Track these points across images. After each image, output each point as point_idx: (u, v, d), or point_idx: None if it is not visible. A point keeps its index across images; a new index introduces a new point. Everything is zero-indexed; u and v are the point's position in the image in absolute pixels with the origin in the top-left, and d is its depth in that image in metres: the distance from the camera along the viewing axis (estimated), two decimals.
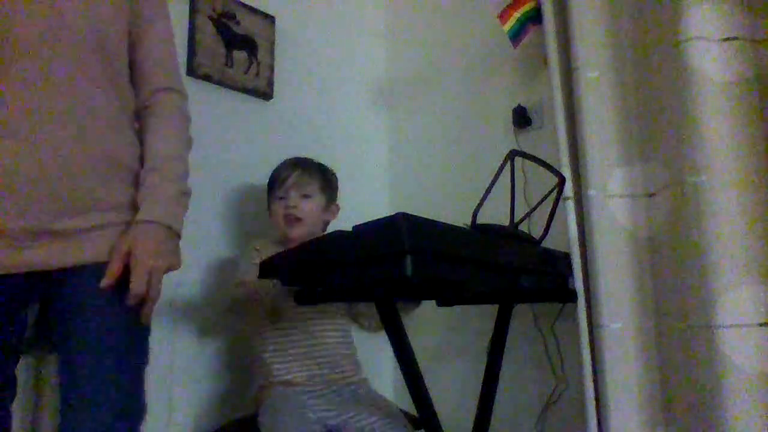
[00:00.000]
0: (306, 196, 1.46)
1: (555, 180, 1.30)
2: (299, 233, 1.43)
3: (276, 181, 1.49)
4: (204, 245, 1.61)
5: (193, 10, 1.68)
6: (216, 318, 1.59)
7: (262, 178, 1.59)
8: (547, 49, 1.44)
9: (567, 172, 1.35)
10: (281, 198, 1.46)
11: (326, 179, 1.52)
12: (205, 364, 1.56)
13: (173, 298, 1.46)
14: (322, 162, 1.57)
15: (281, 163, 1.53)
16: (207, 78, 1.69)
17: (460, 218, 1.12)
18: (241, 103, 1.78)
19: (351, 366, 1.45)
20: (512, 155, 1.18)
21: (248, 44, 1.79)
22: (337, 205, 1.55)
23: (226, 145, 1.72)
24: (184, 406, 1.44)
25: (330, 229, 1.54)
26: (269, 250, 1.33)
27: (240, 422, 1.38)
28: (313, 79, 2.02)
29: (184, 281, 1.49)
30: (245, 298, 1.38)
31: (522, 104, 1.77)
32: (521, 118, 1.75)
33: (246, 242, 1.58)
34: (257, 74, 1.81)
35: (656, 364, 1.25)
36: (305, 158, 1.54)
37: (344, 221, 1.41)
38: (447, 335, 1.91)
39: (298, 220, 1.44)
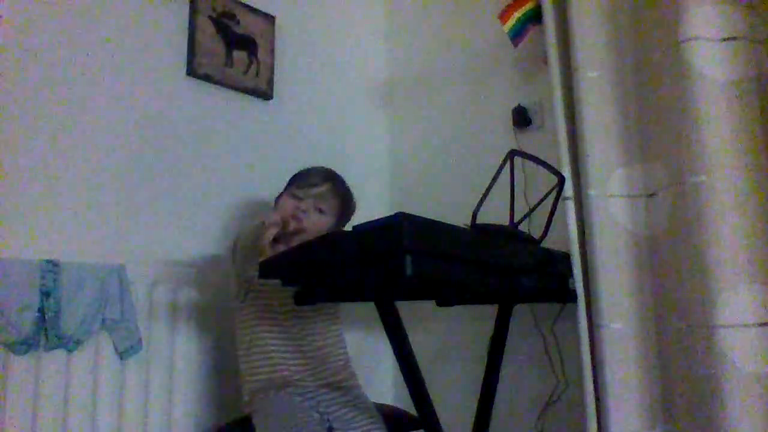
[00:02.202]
0: (321, 211, 1.42)
1: (555, 180, 1.30)
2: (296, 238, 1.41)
3: (302, 180, 1.44)
4: (204, 245, 1.61)
5: (193, 10, 1.68)
6: (216, 318, 1.59)
7: (262, 178, 1.59)
8: (547, 49, 1.44)
9: (567, 172, 1.35)
10: (298, 198, 1.42)
11: (347, 208, 1.49)
12: (205, 364, 1.56)
13: (173, 298, 1.46)
14: (326, 164, 1.52)
15: (317, 168, 1.48)
16: (207, 78, 1.69)
17: (460, 218, 1.12)
18: (241, 103, 1.78)
19: (345, 370, 1.43)
20: (512, 155, 1.18)
21: (248, 44, 1.79)
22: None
23: (226, 145, 1.72)
24: (184, 406, 1.44)
25: None
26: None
27: (240, 422, 1.38)
28: (313, 79, 2.01)
29: (185, 281, 1.49)
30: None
31: (522, 104, 1.77)
32: (521, 118, 1.75)
33: None
34: (257, 74, 1.81)
35: (656, 364, 1.25)
36: (341, 177, 1.50)
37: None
38: (447, 335, 1.91)
39: (302, 228, 1.39)
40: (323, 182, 1.43)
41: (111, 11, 1.53)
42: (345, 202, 1.48)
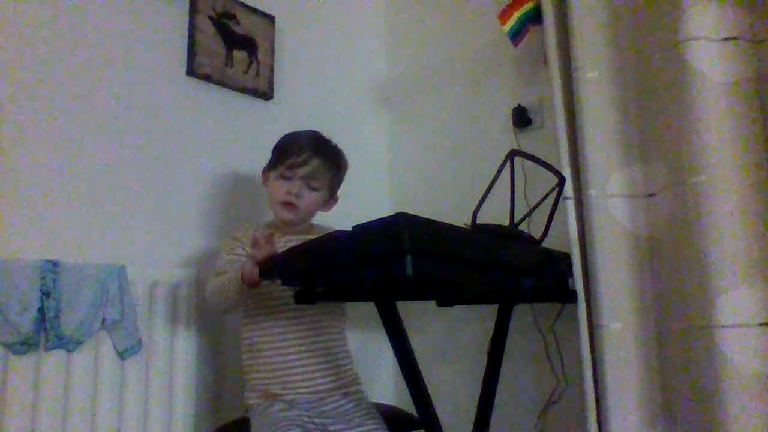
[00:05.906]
0: (312, 189, 1.40)
1: (555, 180, 1.30)
2: (292, 218, 1.40)
3: (289, 157, 1.39)
4: (204, 245, 1.61)
5: (193, 10, 1.68)
6: (216, 318, 1.59)
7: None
8: (547, 49, 1.44)
9: (567, 172, 1.35)
10: (287, 178, 1.39)
11: (338, 174, 1.46)
12: (205, 364, 1.56)
13: (173, 298, 1.46)
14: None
15: (302, 138, 1.42)
16: (207, 78, 1.69)
17: (460, 218, 1.12)
18: (241, 103, 1.78)
19: (352, 375, 1.39)
20: (512, 155, 1.18)
21: (248, 44, 1.79)
22: (336, 199, 1.50)
23: (226, 145, 1.72)
24: (184, 406, 1.44)
25: (328, 222, 1.53)
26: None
27: (240, 423, 1.38)
28: (313, 79, 2.02)
29: (185, 281, 1.49)
30: (217, 300, 1.31)
31: (522, 104, 1.77)
32: (521, 118, 1.75)
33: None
34: (257, 74, 1.81)
35: (656, 364, 1.25)
36: (327, 142, 1.45)
37: (344, 220, 1.41)
38: (447, 335, 1.91)
39: (295, 207, 1.39)
40: (312, 158, 1.38)
41: (110, 11, 1.53)
42: (337, 169, 1.45)
